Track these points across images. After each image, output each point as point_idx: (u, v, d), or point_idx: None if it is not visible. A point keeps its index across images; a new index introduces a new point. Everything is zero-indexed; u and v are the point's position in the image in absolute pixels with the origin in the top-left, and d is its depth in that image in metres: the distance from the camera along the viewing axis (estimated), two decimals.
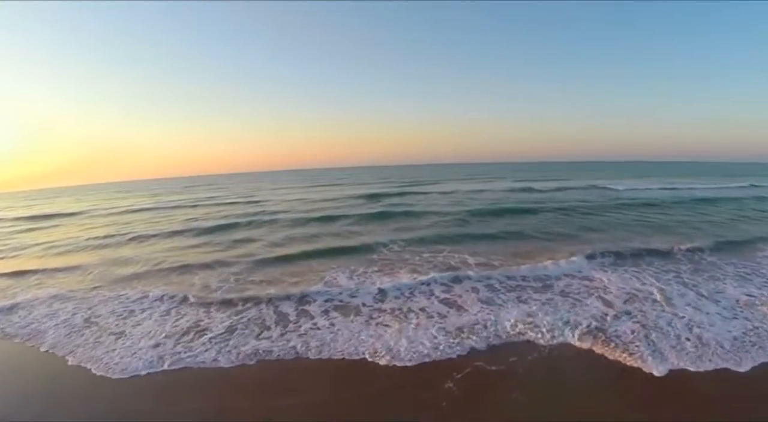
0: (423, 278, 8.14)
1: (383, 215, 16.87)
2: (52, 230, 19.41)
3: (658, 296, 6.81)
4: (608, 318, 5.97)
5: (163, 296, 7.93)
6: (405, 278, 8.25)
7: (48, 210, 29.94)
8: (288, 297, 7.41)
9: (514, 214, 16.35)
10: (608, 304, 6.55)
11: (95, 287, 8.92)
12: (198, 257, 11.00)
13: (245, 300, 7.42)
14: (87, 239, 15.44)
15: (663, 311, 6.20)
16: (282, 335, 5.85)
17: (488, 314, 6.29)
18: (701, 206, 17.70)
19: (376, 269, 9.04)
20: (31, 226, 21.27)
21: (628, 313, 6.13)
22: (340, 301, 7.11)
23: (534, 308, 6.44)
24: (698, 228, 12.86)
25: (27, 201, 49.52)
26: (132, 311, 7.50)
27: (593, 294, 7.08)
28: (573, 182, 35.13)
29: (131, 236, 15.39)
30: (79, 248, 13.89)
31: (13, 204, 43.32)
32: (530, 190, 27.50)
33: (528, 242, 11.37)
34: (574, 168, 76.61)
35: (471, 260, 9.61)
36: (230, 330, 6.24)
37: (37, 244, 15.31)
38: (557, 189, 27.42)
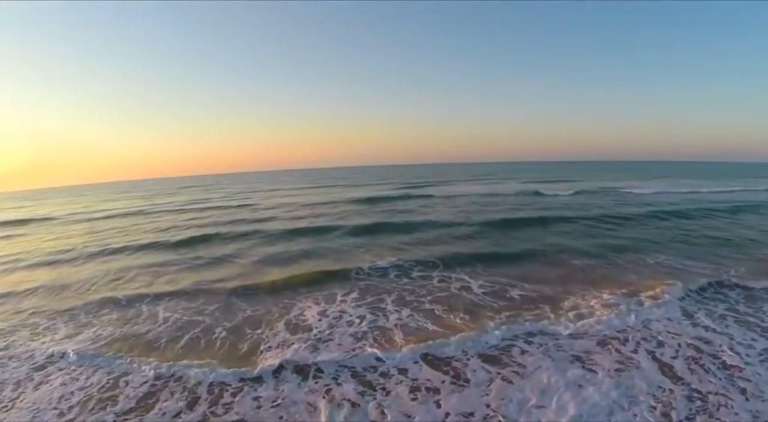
0: (413, 320, 6.39)
1: (378, 227, 14.85)
2: (18, 239, 17.96)
3: (737, 361, 4.92)
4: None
5: (93, 340, 6.38)
6: (391, 317, 6.49)
7: (29, 214, 28.65)
8: (237, 349, 5.71)
9: (527, 225, 14.41)
10: (670, 374, 4.65)
11: (25, 324, 7.41)
12: (156, 283, 9.31)
13: (182, 354, 5.72)
14: (49, 253, 13.95)
15: (759, 396, 4.16)
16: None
17: (501, 387, 4.49)
18: (732, 214, 15.95)
19: (356, 301, 7.29)
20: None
21: (702, 400, 4.15)
22: (299, 357, 5.32)
23: (562, 380, 4.61)
24: (742, 238, 10.98)
25: (21, 202, 48.65)
26: (50, 356, 6.04)
27: (640, 347, 5.28)
28: (583, 184, 33.32)
29: (98, 249, 13.88)
30: (33, 265, 12.35)
31: (3, 206, 42.25)
32: (540, 194, 25.65)
33: (550, 265, 9.28)
34: (579, 169, 74.39)
35: (477, 287, 7.84)
36: (144, 404, 4.53)
37: None
38: (573, 193, 25.62)
